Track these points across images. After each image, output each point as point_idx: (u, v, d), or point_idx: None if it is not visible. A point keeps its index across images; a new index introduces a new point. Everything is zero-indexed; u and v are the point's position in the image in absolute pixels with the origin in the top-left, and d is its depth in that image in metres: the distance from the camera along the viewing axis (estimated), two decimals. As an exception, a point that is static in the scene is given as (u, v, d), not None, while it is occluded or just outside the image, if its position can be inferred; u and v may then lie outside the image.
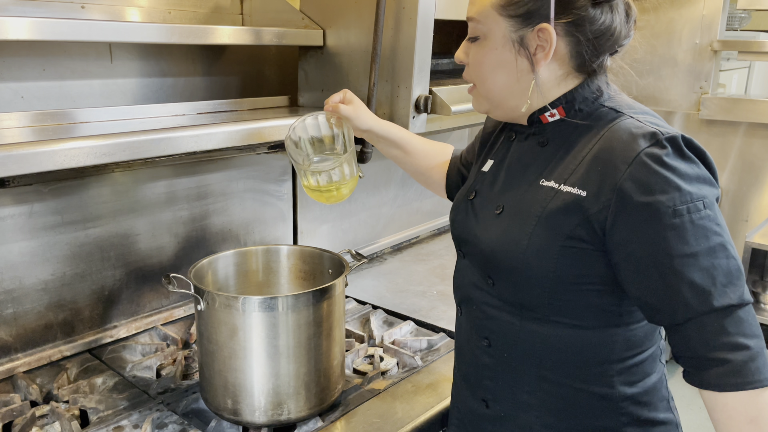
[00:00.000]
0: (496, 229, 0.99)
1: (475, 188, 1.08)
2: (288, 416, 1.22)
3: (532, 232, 0.93)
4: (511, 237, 0.95)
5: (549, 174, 0.95)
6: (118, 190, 1.49)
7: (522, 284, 0.96)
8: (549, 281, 0.93)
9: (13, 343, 1.38)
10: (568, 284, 0.93)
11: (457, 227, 1.10)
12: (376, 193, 2.19)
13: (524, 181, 0.98)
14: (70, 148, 1.06)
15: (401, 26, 1.44)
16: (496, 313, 1.02)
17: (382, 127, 1.30)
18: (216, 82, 1.66)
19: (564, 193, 0.91)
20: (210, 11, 1.62)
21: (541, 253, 0.92)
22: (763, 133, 2.85)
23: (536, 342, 0.98)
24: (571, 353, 0.97)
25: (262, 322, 1.16)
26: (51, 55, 1.35)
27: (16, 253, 1.35)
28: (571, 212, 0.90)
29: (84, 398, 1.29)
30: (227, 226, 1.74)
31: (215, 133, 1.27)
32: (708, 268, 0.83)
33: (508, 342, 1.01)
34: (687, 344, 0.86)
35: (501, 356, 1.02)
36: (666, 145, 0.86)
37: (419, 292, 1.90)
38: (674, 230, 0.83)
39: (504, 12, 0.93)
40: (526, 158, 1.01)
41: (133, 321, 1.58)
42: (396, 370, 1.47)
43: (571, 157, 0.94)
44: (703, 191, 0.86)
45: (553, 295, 0.94)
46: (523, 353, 1.00)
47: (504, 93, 0.98)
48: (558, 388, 0.99)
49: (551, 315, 0.96)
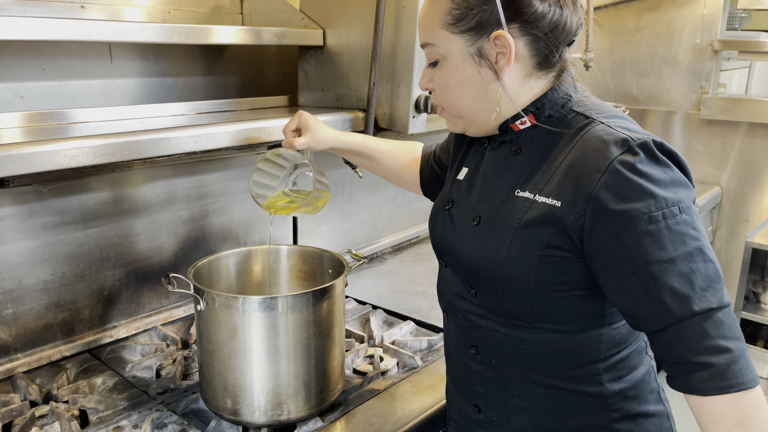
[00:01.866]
0: (474, 241, 0.99)
1: (451, 197, 1.08)
2: (288, 416, 1.22)
3: (510, 243, 0.93)
4: (490, 248, 0.96)
5: (524, 184, 0.95)
6: (117, 190, 1.49)
7: (504, 294, 0.96)
8: (530, 290, 0.93)
9: (13, 343, 1.38)
10: (549, 292, 0.93)
11: (437, 237, 1.09)
12: (376, 193, 2.19)
13: (499, 191, 0.98)
14: (70, 148, 1.06)
15: (401, 26, 1.44)
16: (481, 322, 1.02)
17: (342, 142, 1.31)
18: (216, 81, 1.66)
19: (539, 203, 0.91)
20: (210, 11, 1.62)
21: (520, 264, 0.92)
22: (764, 133, 2.85)
23: (523, 348, 0.98)
24: (558, 357, 0.97)
25: (262, 322, 1.16)
26: (51, 55, 1.35)
27: (16, 253, 1.35)
28: (547, 222, 0.90)
29: (84, 398, 1.29)
30: (227, 226, 1.74)
31: (215, 133, 1.27)
32: (686, 272, 0.83)
33: (495, 349, 1.01)
34: (669, 350, 0.86)
35: (489, 363, 1.03)
36: (638, 152, 0.85)
37: (419, 292, 1.90)
38: (651, 237, 0.83)
39: (455, 29, 0.93)
40: (499, 167, 1.00)
41: (133, 321, 1.58)
42: (396, 371, 1.47)
43: (545, 166, 0.94)
44: (678, 195, 0.85)
45: (536, 303, 0.94)
46: (511, 359, 1.00)
47: (474, 108, 0.98)
48: (548, 390, 0.99)
49: (535, 322, 0.96)
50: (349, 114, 1.52)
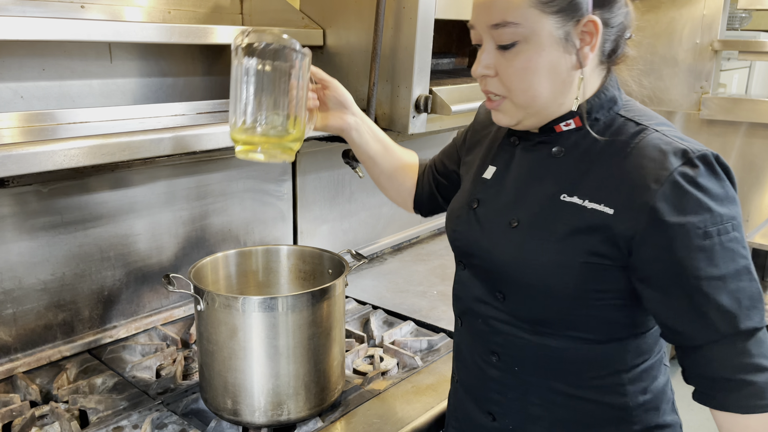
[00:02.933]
0: (510, 244, 0.95)
1: (477, 197, 1.04)
2: (288, 416, 1.22)
3: (553, 248, 0.90)
4: (530, 253, 0.93)
5: (571, 189, 0.91)
6: (117, 190, 1.48)
7: (538, 300, 0.94)
8: (567, 298, 0.91)
9: (13, 343, 1.38)
10: (585, 300, 0.91)
11: (459, 238, 1.06)
12: (376, 193, 2.19)
13: (541, 194, 0.94)
14: (70, 148, 1.05)
15: (401, 26, 1.44)
16: (505, 328, 0.99)
17: (369, 125, 1.26)
18: (216, 81, 1.66)
19: (589, 210, 0.88)
20: (210, 11, 1.61)
21: (560, 270, 0.90)
22: (764, 133, 2.85)
23: (548, 356, 0.96)
24: (585, 366, 0.96)
25: (262, 323, 1.16)
26: (51, 55, 1.35)
27: (16, 253, 1.35)
28: (595, 230, 0.88)
29: (83, 398, 1.29)
30: (227, 226, 1.74)
31: (215, 133, 1.26)
32: (734, 290, 0.83)
33: (519, 356, 0.99)
34: (708, 365, 0.86)
35: (510, 370, 1.00)
36: (698, 164, 0.84)
37: (419, 292, 1.90)
38: (704, 252, 0.83)
39: (546, 9, 0.85)
40: (539, 169, 0.97)
41: (133, 321, 1.58)
42: (396, 371, 1.47)
43: (595, 172, 0.90)
44: (732, 212, 0.85)
45: (570, 310, 0.93)
46: (535, 367, 0.98)
47: (548, 97, 0.91)
48: (570, 400, 0.98)
49: (566, 330, 0.94)
50: (349, 114, 1.52)
